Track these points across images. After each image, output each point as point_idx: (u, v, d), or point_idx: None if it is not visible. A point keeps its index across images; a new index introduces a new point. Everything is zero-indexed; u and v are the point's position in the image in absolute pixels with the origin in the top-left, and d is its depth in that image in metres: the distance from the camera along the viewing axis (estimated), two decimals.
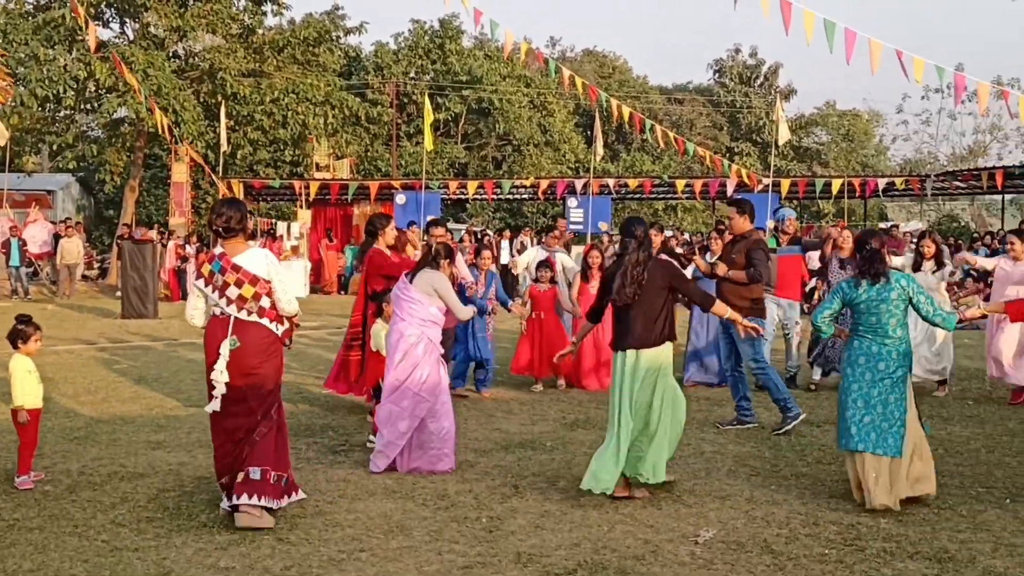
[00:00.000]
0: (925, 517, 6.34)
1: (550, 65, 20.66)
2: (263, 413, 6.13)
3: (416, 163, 41.99)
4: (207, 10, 28.79)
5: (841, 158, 57.02)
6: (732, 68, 57.91)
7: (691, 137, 45.96)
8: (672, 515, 6.36)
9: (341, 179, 33.76)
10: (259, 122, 30.44)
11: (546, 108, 49.74)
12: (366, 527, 6.05)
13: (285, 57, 31.83)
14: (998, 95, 15.99)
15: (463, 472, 7.41)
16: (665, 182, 33.01)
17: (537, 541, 5.83)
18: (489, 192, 32.93)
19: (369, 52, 49.43)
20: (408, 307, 7.53)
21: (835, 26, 12.22)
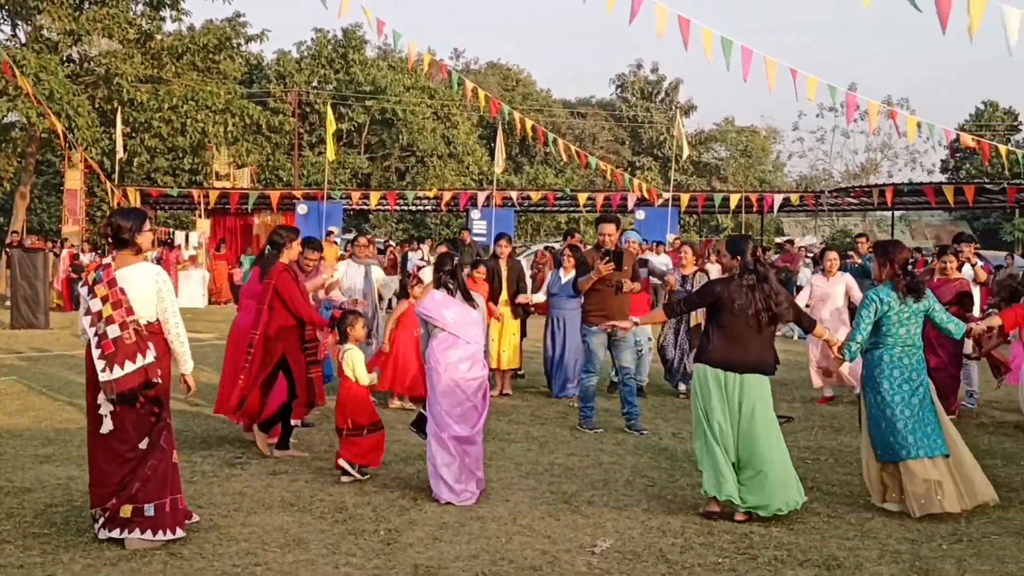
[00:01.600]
0: (815, 526, 6.48)
1: (453, 77, 20.68)
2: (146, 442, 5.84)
3: (318, 173, 41.66)
4: (103, 14, 28.23)
5: (739, 173, 58.16)
6: (634, 83, 58.73)
7: (593, 151, 46.45)
8: (570, 525, 6.40)
9: (241, 188, 33.33)
10: (157, 129, 29.95)
11: (450, 120, 49.80)
12: (262, 541, 5.97)
13: (184, 64, 31.36)
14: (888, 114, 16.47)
15: (361, 484, 7.36)
16: (567, 195, 33.28)
17: (435, 553, 5.81)
18: (392, 203, 32.86)
19: (271, 60, 49.00)
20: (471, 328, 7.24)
21: (732, 44, 12.44)
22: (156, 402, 5.88)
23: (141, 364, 5.76)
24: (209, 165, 35.59)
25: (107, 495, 5.83)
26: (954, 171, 57.07)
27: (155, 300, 5.90)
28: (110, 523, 5.80)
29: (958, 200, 28.26)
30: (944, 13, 9.69)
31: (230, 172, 36.40)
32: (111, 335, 5.74)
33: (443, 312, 7.11)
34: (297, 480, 7.47)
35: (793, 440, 9.23)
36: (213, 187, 32.69)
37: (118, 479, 5.81)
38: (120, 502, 5.78)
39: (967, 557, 5.87)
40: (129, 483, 5.79)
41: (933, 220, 60.41)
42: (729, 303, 6.61)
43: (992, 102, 61.10)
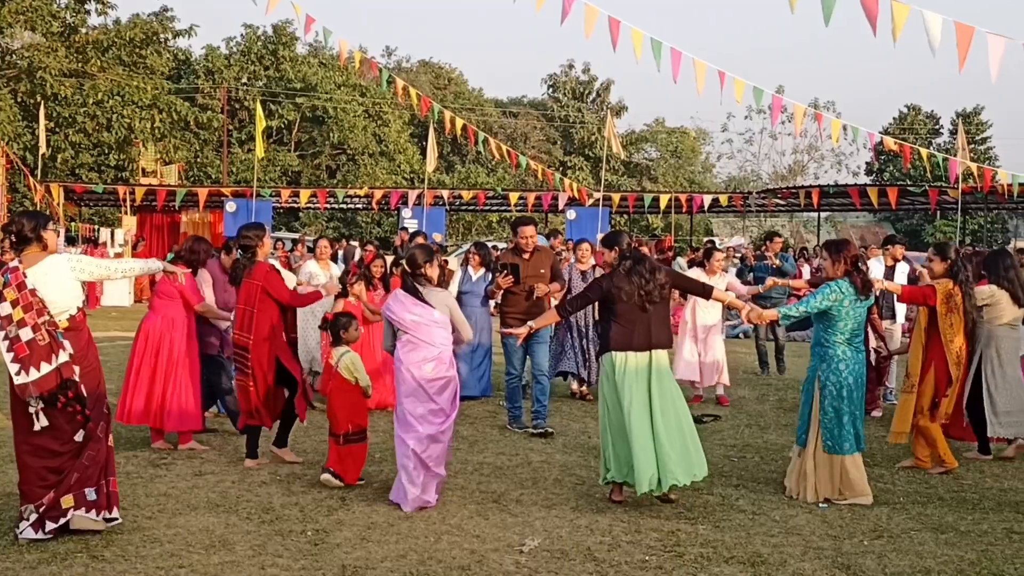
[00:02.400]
0: (741, 523, 6.57)
1: (383, 75, 20.59)
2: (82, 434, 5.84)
3: (247, 170, 41.21)
4: (26, 6, 27.69)
5: (669, 174, 58.64)
6: (566, 83, 58.93)
7: (525, 150, 46.56)
8: (498, 525, 6.42)
9: (168, 185, 32.86)
10: (82, 124, 29.42)
11: (381, 118, 49.56)
12: (186, 542, 5.90)
13: (110, 58, 30.87)
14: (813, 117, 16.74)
15: (289, 485, 7.30)
16: (499, 194, 33.32)
17: (363, 553, 5.79)
18: (322, 201, 32.61)
19: (200, 56, 48.33)
20: (434, 330, 7.01)
21: (662, 45, 12.54)
22: (78, 400, 5.79)
23: (55, 365, 5.71)
24: (135, 161, 35.02)
25: (40, 491, 5.78)
26: (878, 173, 58.16)
27: (76, 287, 5.93)
28: (45, 518, 5.76)
29: (882, 202, 28.82)
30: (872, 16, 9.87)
31: (157, 169, 35.87)
32: (24, 338, 5.68)
33: (404, 315, 7.01)
34: (223, 481, 7.39)
35: (720, 438, 9.35)
36: (139, 184, 32.18)
37: (52, 472, 5.79)
38: (59, 494, 5.76)
39: (888, 552, 5.99)
40: (68, 475, 5.79)
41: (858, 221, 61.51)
42: (617, 292, 6.96)
43: (915, 106, 62.42)
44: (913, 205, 33.15)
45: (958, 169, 20.47)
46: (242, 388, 7.81)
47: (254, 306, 7.75)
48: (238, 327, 7.86)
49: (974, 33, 9.61)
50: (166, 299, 8.46)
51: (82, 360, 5.89)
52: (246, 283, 7.84)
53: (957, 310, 8.12)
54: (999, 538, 6.32)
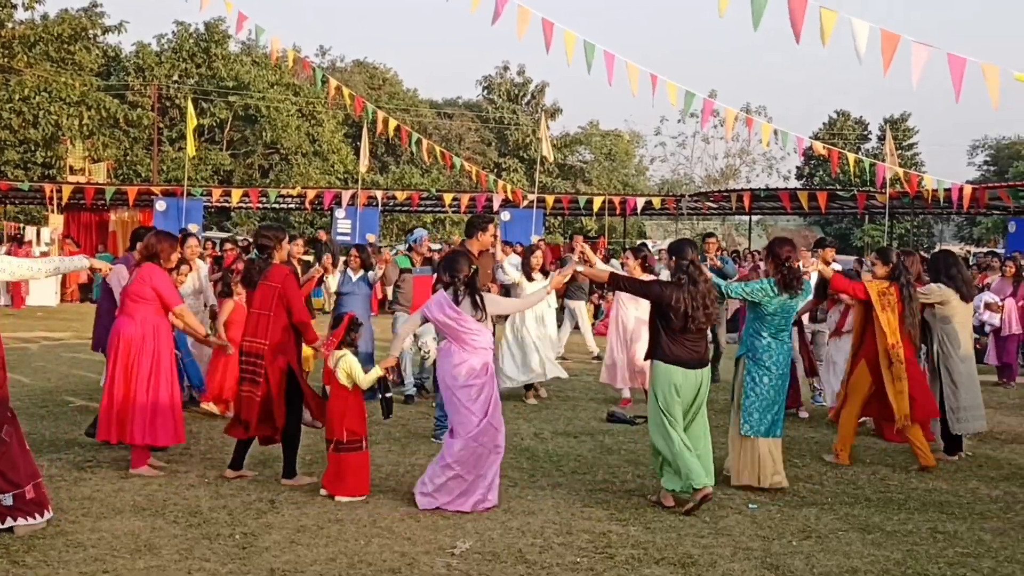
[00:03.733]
0: (671, 524, 6.61)
1: (317, 74, 20.44)
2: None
3: (178, 169, 40.65)
4: None
5: (603, 176, 58.97)
6: (500, 85, 59.02)
7: (460, 152, 46.55)
8: (429, 527, 6.40)
9: (97, 183, 32.31)
10: (7, 121, 28.82)
11: (315, 117, 49.21)
12: (111, 547, 5.80)
13: (37, 54, 30.31)
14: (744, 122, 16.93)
15: (218, 488, 7.21)
16: (433, 195, 33.24)
17: (292, 557, 5.74)
18: (255, 201, 32.27)
19: (130, 52, 47.59)
20: (469, 338, 6.91)
21: (595, 48, 12.57)
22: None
23: None
24: (63, 159, 34.39)
25: None
26: (808, 177, 59.08)
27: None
28: None
29: (812, 206, 29.22)
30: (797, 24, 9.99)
31: (85, 167, 35.28)
32: None
33: (439, 316, 6.93)
34: (150, 484, 7.27)
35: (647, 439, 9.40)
36: (67, 182, 31.58)
37: None
38: None
39: (816, 553, 6.07)
40: None
41: (788, 225, 62.43)
42: (673, 304, 6.97)
43: (844, 112, 63.48)
44: (842, 209, 33.66)
45: (886, 174, 20.84)
46: (248, 398, 7.36)
47: (271, 310, 7.38)
48: (250, 332, 7.44)
49: (899, 41, 9.78)
50: (141, 302, 7.68)
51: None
52: (262, 286, 7.44)
53: (891, 309, 8.32)
54: (924, 538, 6.44)
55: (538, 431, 9.84)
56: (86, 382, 12.13)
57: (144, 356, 7.57)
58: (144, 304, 7.65)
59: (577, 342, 16.78)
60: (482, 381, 6.89)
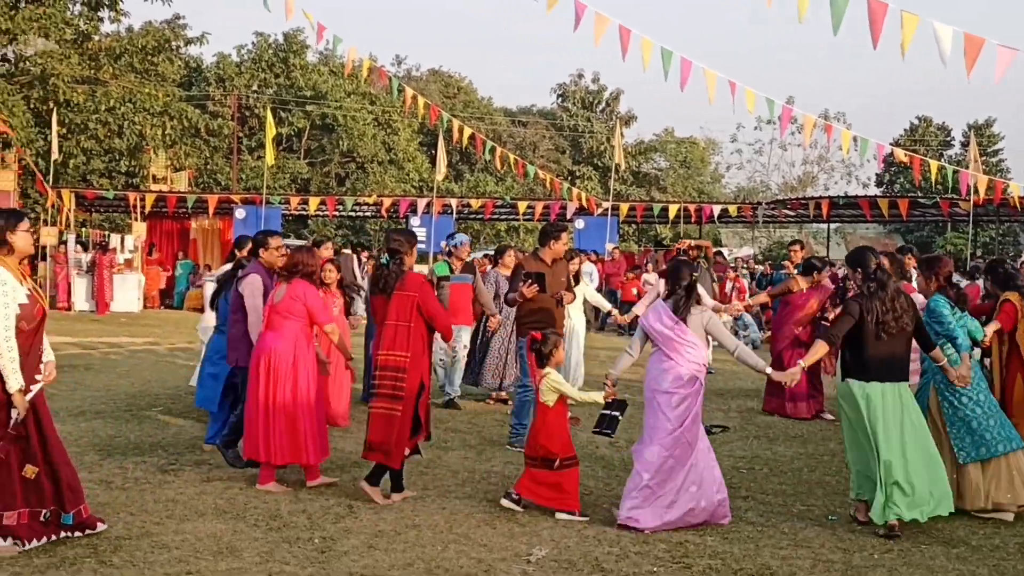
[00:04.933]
0: (749, 535, 6.55)
1: (393, 83, 20.63)
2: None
3: (257, 177, 41.32)
4: (39, 13, 27.74)
5: (678, 184, 58.62)
6: (575, 93, 58.95)
7: (534, 160, 46.61)
8: (505, 534, 6.41)
9: (179, 192, 32.95)
10: (93, 131, 29.49)
11: (391, 126, 49.65)
12: (194, 549, 5.91)
13: (122, 65, 30.97)
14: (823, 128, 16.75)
15: (297, 492, 7.30)
16: (507, 203, 33.34)
17: (370, 561, 5.79)
18: (331, 209, 32.65)
19: (211, 63, 48.50)
20: (684, 350, 6.76)
21: (672, 55, 12.55)
22: None
23: None
24: (146, 168, 35.13)
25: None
26: (888, 185, 58.11)
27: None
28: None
29: (892, 213, 28.75)
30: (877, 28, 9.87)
31: (167, 175, 35.98)
32: None
33: (656, 324, 6.81)
34: (231, 488, 7.39)
35: (729, 450, 9.33)
36: (150, 190, 32.27)
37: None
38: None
39: (898, 566, 5.97)
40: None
41: (868, 233, 61.43)
42: (865, 316, 6.72)
43: (926, 117, 62.33)
44: (924, 217, 33.11)
45: (970, 180, 20.43)
46: (386, 416, 7.05)
47: (410, 321, 7.08)
48: (387, 346, 7.11)
49: (984, 44, 9.61)
50: (291, 318, 7.42)
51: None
52: (398, 295, 7.14)
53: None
54: (1011, 553, 6.30)
55: (613, 440, 9.79)
56: (168, 387, 12.37)
57: (292, 373, 7.34)
58: (293, 321, 7.42)
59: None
60: (685, 392, 6.70)
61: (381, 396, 7.08)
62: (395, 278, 7.21)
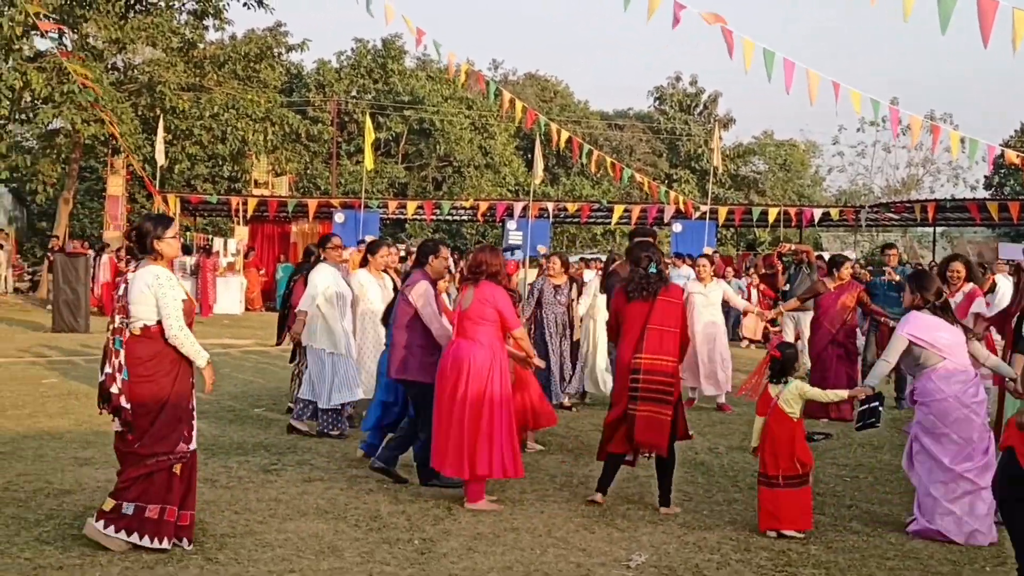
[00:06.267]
0: (854, 544, 6.41)
1: (490, 87, 20.72)
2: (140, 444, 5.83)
3: (355, 182, 41.84)
4: (148, 23, 28.50)
5: (778, 187, 57.79)
6: (672, 96, 58.50)
7: (630, 163, 46.36)
8: (605, 539, 6.37)
9: (280, 196, 33.54)
10: (198, 137, 30.18)
11: (487, 130, 49.88)
12: (297, 548, 5.98)
13: (226, 72, 31.63)
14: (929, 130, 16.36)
15: (396, 493, 7.35)
16: (604, 207, 33.22)
17: (469, 564, 5.80)
18: (428, 213, 32.92)
19: (311, 70, 49.30)
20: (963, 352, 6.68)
21: (774, 56, 12.37)
22: (116, 412, 5.84)
23: (102, 376, 5.86)
24: (248, 173, 35.84)
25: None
26: (998, 187, 56.46)
27: (152, 302, 5.80)
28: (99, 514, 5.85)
29: (1002, 216, 27.91)
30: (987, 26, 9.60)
31: (269, 180, 36.65)
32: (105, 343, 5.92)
33: (937, 334, 6.62)
34: (332, 488, 7.47)
35: (832, 457, 9.16)
36: (252, 195, 32.91)
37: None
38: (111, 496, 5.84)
39: None
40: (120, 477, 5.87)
41: (975, 237, 59.73)
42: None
43: None
44: None
45: None
46: (654, 419, 6.98)
47: (675, 327, 7.11)
48: (652, 350, 7.01)
49: None
50: (483, 324, 7.17)
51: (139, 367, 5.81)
52: (662, 301, 7.10)
53: None
54: None
55: (712, 446, 9.70)
56: (270, 388, 12.58)
57: (488, 382, 7.06)
58: (485, 326, 7.15)
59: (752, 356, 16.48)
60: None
61: (646, 399, 6.98)
62: (659, 284, 7.18)
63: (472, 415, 6.99)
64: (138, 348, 5.82)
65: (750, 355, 18.33)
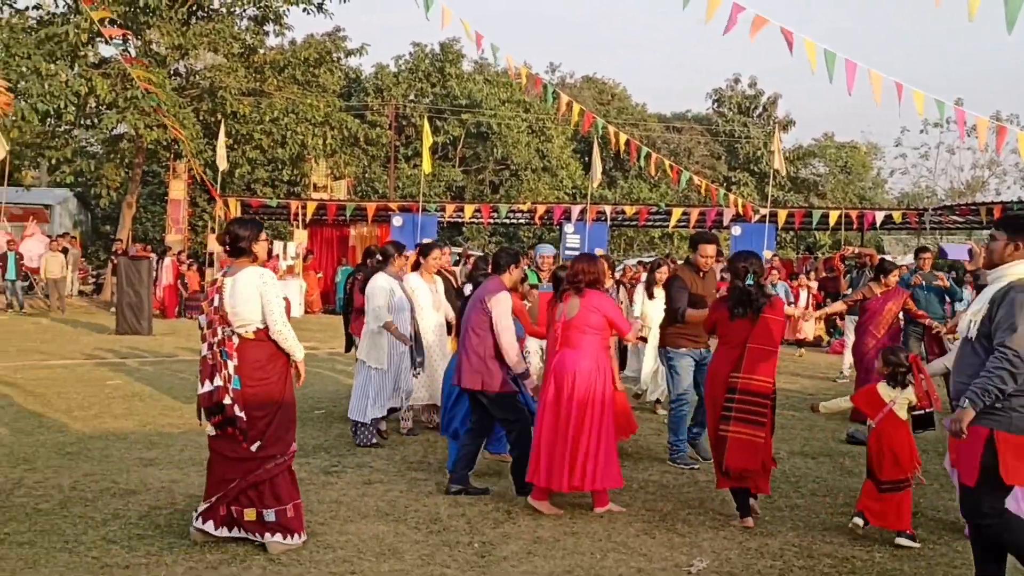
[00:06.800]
0: (920, 552, 6.31)
1: (548, 90, 20.71)
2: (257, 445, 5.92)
3: (413, 185, 42.05)
4: (209, 29, 28.89)
5: (838, 190, 57.16)
6: (731, 98, 58.11)
7: (689, 166, 46.16)
8: (665, 544, 6.33)
9: (338, 200, 33.79)
10: (258, 141, 30.52)
11: (544, 134, 49.89)
12: (358, 549, 6.01)
13: (285, 77, 31.94)
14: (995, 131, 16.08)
15: (456, 496, 7.36)
16: (662, 210, 33.07)
17: (529, 567, 5.79)
18: (486, 216, 32.99)
19: (369, 74, 49.64)
20: None
21: (835, 57, 12.23)
22: (228, 423, 5.88)
23: (210, 388, 5.90)
24: (307, 177, 36.16)
25: (211, 489, 5.99)
26: None
27: (259, 303, 5.95)
28: (212, 518, 5.91)
29: None
30: None
31: (328, 184, 36.95)
32: (202, 352, 6.03)
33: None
34: (392, 490, 7.50)
35: None
36: (311, 198, 33.20)
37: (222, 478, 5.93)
38: (227, 501, 5.89)
39: None
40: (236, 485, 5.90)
41: None
42: None
43: None
44: None
45: None
46: (748, 443, 6.72)
47: (776, 346, 6.88)
48: (748, 369, 6.76)
49: None
50: (590, 333, 7.03)
51: (257, 371, 5.93)
52: (766, 319, 6.82)
53: None
54: None
55: (774, 451, 9.58)
56: (329, 391, 12.67)
57: (593, 392, 6.91)
58: (590, 335, 7.02)
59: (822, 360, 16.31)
60: None
61: (739, 420, 6.75)
62: (763, 300, 6.91)
63: (577, 428, 6.85)
64: (253, 352, 5.94)
65: (812, 359, 18.15)
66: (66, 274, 25.89)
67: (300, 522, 6.02)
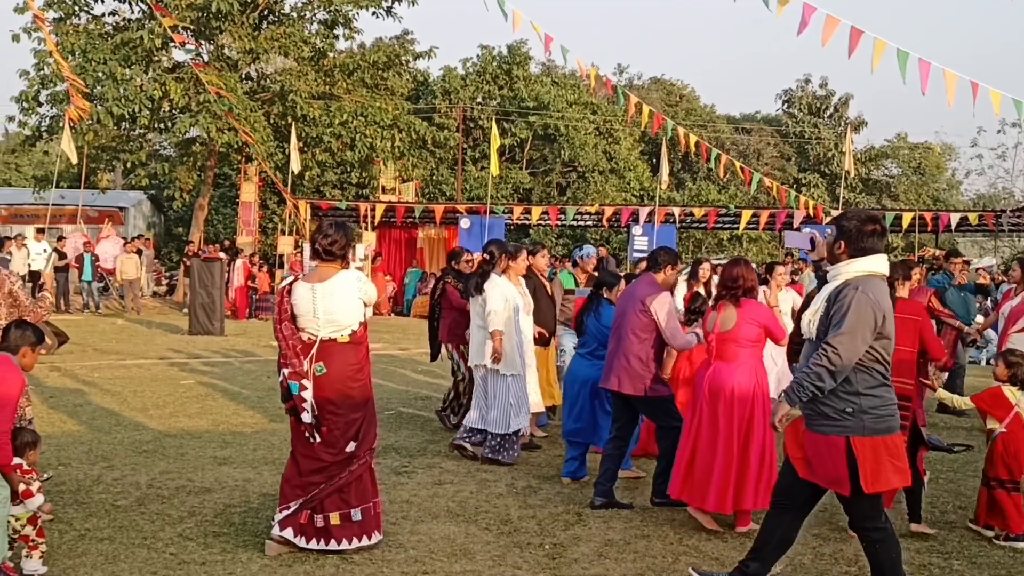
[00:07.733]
0: (999, 559, 6.19)
1: (618, 92, 20.65)
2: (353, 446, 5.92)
3: (481, 187, 42.15)
4: (280, 33, 29.24)
5: (911, 191, 56.21)
6: (801, 98, 57.40)
7: (758, 167, 45.68)
8: (738, 548, 6.26)
9: (407, 202, 34.00)
10: (327, 144, 30.81)
11: (612, 135, 49.72)
12: (429, 550, 6.04)
13: (355, 80, 32.20)
14: None
15: (526, 498, 7.37)
16: (731, 212, 32.78)
17: (600, 570, 5.77)
18: (553, 218, 32.95)
19: (437, 77, 49.82)
20: None
21: (908, 56, 12.04)
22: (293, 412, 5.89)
23: (282, 376, 5.88)
24: (376, 179, 36.40)
25: (288, 494, 5.91)
26: None
27: (360, 305, 5.94)
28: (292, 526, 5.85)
29: None
30: None
31: (396, 186, 37.17)
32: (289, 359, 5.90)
33: None
34: (462, 491, 7.53)
35: (974, 469, 8.83)
36: (380, 200, 33.43)
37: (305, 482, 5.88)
38: (310, 507, 5.86)
39: None
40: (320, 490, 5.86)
41: None
42: None
43: None
44: None
45: None
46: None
47: (915, 347, 6.66)
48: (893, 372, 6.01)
49: None
50: (746, 345, 6.73)
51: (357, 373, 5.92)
52: (900, 319, 6.18)
53: None
54: None
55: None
56: (399, 391, 12.77)
57: (752, 408, 6.65)
58: (748, 348, 6.73)
59: None
60: None
61: None
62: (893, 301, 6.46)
63: (740, 445, 6.61)
64: (350, 355, 5.93)
65: None
66: (140, 275, 26.35)
67: (379, 521, 6.05)
